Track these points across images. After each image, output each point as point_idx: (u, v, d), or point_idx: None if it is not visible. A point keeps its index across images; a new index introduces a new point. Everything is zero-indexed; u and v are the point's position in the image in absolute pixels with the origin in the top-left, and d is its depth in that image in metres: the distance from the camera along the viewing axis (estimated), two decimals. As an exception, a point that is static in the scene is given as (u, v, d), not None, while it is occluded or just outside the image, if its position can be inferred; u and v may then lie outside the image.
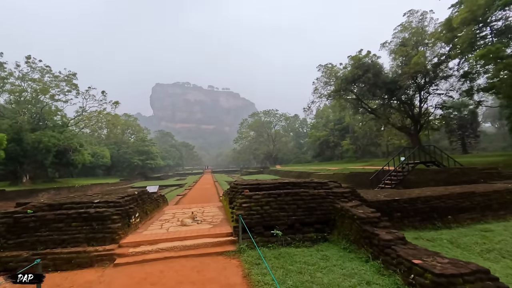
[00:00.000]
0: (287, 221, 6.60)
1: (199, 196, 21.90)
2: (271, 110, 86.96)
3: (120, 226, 6.36)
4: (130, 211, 7.03)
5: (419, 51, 28.41)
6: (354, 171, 28.61)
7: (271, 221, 6.56)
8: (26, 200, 25.11)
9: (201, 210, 10.33)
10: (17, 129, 28.82)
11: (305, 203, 6.91)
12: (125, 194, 7.82)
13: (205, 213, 9.77)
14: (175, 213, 9.99)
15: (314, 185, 7.77)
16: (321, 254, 5.63)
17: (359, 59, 30.47)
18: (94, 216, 6.30)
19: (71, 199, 7.18)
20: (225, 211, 9.76)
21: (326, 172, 35.27)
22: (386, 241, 4.93)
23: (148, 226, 7.81)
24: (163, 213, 10.21)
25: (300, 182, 7.87)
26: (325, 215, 6.82)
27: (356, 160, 51.61)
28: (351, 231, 5.99)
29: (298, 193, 7.05)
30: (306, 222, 6.68)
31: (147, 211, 8.88)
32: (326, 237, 6.50)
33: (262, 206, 6.73)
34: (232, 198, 7.89)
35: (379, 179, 20.13)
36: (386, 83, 30.65)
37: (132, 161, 63.73)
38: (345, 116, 58.42)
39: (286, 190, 7.20)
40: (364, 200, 7.99)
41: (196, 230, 6.94)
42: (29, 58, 34.41)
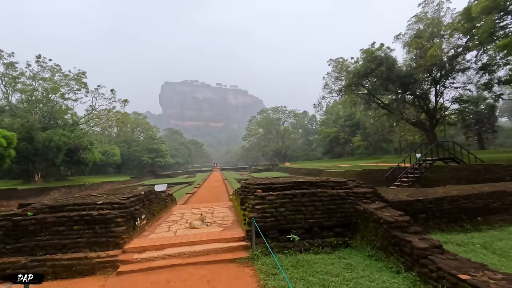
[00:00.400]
0: (304, 225, 6.04)
1: (209, 194, 21.52)
2: (279, 106, 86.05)
3: (125, 229, 5.93)
4: (136, 213, 6.60)
5: (435, 43, 27.15)
6: (367, 168, 27.69)
7: (287, 225, 6.01)
8: (37, 199, 25.33)
9: (211, 211, 9.87)
10: (28, 128, 29.06)
11: (324, 204, 6.32)
12: (130, 195, 7.40)
13: (215, 213, 9.30)
14: (184, 214, 9.56)
15: (332, 185, 7.16)
16: (344, 263, 5.05)
17: (372, 52, 29.39)
18: (97, 219, 5.88)
19: (74, 200, 6.80)
20: (235, 212, 9.27)
21: (337, 170, 34.44)
22: (421, 250, 4.31)
23: (155, 229, 7.38)
24: (171, 213, 9.79)
25: (317, 181, 7.28)
26: (346, 218, 6.22)
27: (368, 157, 50.47)
28: (376, 236, 5.38)
29: (315, 194, 6.47)
30: (325, 225, 6.10)
31: (154, 212, 8.45)
32: (348, 242, 5.90)
33: (276, 208, 6.18)
34: (243, 198, 7.37)
35: (394, 177, 19.34)
36: (400, 77, 29.50)
37: (142, 159, 64.14)
38: (356, 112, 57.14)
39: (302, 191, 6.62)
40: (385, 201, 7.35)
41: (205, 233, 6.45)
42: (39, 57, 34.66)
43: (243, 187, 7.97)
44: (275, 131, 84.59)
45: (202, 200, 17.36)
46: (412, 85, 30.27)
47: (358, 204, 6.33)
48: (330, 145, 67.60)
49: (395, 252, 4.80)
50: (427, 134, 32.40)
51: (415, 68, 28.06)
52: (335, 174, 32.74)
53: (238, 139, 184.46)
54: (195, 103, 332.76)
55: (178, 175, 74.82)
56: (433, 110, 31.66)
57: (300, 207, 6.25)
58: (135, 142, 67.13)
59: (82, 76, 36.81)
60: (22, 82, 33.15)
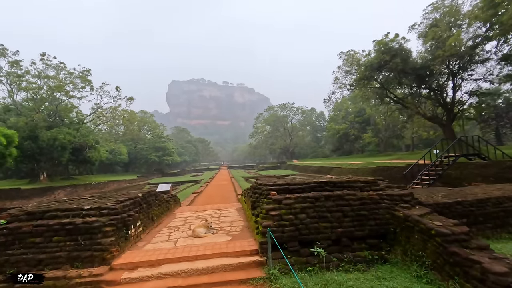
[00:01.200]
0: (331, 235, 4.93)
1: (216, 194, 20.57)
2: (287, 103, 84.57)
3: (114, 240, 4.93)
4: (129, 220, 5.60)
5: (456, 32, 25.53)
6: (381, 165, 26.28)
7: (309, 235, 4.91)
8: (40, 199, 24.80)
9: (217, 214, 8.85)
10: (33, 127, 28.58)
11: (353, 210, 5.20)
12: (125, 197, 6.42)
13: (221, 217, 8.27)
14: (187, 218, 8.56)
15: (361, 185, 6.03)
16: (385, 286, 3.94)
17: (386, 43, 27.85)
18: (81, 228, 4.90)
19: (58, 204, 5.84)
20: (245, 215, 8.23)
21: (349, 167, 33.13)
22: (499, 276, 3.18)
23: (152, 237, 6.39)
24: (174, 217, 8.80)
25: (341, 181, 6.15)
26: (381, 226, 5.09)
27: (379, 154, 48.87)
28: (425, 251, 4.25)
29: (342, 197, 5.36)
30: (356, 236, 4.98)
31: (153, 217, 7.47)
32: (385, 256, 4.78)
33: (296, 215, 5.09)
34: (255, 202, 6.31)
35: (413, 175, 18.00)
36: (416, 69, 27.91)
37: (149, 157, 63.78)
38: (366, 108, 55.49)
39: (326, 193, 5.52)
40: (419, 203, 6.19)
41: (211, 244, 5.40)
42: (44, 55, 34.19)
43: (254, 188, 6.89)
44: (282, 128, 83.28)
45: (208, 200, 16.40)
46: (428, 78, 28.68)
47: (395, 209, 5.19)
48: (339, 142, 66.04)
49: (456, 275, 3.67)
50: (444, 129, 30.75)
51: (432, 60, 26.45)
52: (346, 172, 31.41)
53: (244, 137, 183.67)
54: (202, 101, 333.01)
55: (185, 173, 74.42)
56: (451, 104, 29.99)
57: (325, 213, 5.15)
58: (142, 141, 66.82)
59: (87, 74, 36.23)
60: (27, 80, 32.72)
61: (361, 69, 31.81)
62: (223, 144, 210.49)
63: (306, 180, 6.71)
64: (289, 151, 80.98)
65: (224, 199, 16.48)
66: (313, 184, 6.09)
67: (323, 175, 36.20)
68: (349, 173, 30.72)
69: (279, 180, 6.94)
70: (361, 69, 31.12)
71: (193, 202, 15.53)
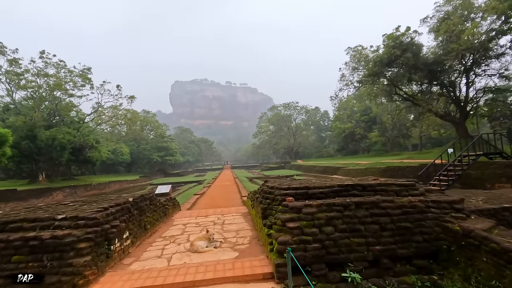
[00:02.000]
0: (367, 254, 3.84)
1: (219, 195, 19.51)
2: (291, 102, 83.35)
3: (90, 260, 3.88)
4: (112, 233, 4.55)
5: (472, 24, 24.26)
6: (391, 165, 25.01)
7: (339, 254, 3.82)
8: (38, 200, 23.92)
9: (221, 220, 7.78)
10: (31, 126, 27.75)
11: (393, 221, 4.10)
12: (112, 203, 5.37)
13: (225, 224, 7.20)
14: (187, 225, 7.50)
15: (396, 189, 4.92)
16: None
17: (396, 37, 26.59)
18: (48, 245, 3.86)
19: (26, 214, 4.80)
20: (253, 222, 7.16)
21: (356, 167, 31.90)
22: None
23: (143, 251, 5.33)
24: (172, 224, 7.75)
25: (372, 184, 5.04)
26: (431, 243, 3.98)
27: (385, 154, 47.53)
28: (502, 279, 3.15)
29: (377, 204, 4.26)
30: (400, 255, 3.88)
31: (147, 225, 6.41)
32: (439, 283, 3.67)
33: (320, 227, 4.01)
34: (266, 209, 5.22)
35: (429, 175, 16.80)
36: (428, 65, 26.62)
37: (152, 157, 62.98)
38: (372, 107, 54.20)
39: (356, 199, 4.42)
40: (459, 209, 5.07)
41: (213, 264, 4.33)
42: (43, 53, 33.40)
43: (264, 192, 5.79)
44: (286, 127, 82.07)
45: (211, 202, 15.35)
46: (441, 74, 27.39)
47: (446, 220, 4.08)
48: (344, 141, 64.71)
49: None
50: (457, 127, 29.42)
51: (445, 54, 25.14)
52: (354, 172, 30.23)
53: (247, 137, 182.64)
54: (205, 101, 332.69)
55: (188, 173, 73.58)
56: (464, 101, 28.66)
57: (357, 225, 4.05)
58: (145, 141, 66.05)
59: (87, 72, 35.38)
60: (26, 78, 31.96)
61: (369, 65, 30.60)
62: (226, 144, 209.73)
63: (326, 182, 5.60)
64: (293, 151, 79.76)
65: (227, 201, 15.42)
66: (337, 187, 4.99)
67: (329, 175, 34.96)
68: (357, 173, 29.53)
69: (294, 182, 5.86)
70: (369, 65, 29.91)
71: (194, 205, 14.49)
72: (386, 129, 53.10)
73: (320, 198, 4.83)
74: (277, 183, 5.79)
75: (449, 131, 38.77)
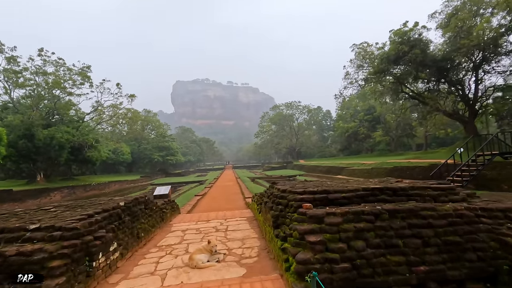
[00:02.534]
0: (409, 277, 3.06)
1: (221, 196, 18.77)
2: (293, 102, 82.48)
3: (64, 282, 3.13)
4: (95, 246, 3.80)
5: (484, 18, 23.41)
6: (398, 165, 24.16)
7: (374, 277, 3.04)
8: (35, 201, 23.25)
9: (224, 226, 7.02)
10: (29, 125, 27.09)
11: (438, 234, 3.32)
12: (99, 209, 4.63)
13: (229, 231, 6.44)
14: (186, 231, 6.75)
15: (434, 194, 4.14)
16: None
17: (404, 33, 25.74)
18: (12, 263, 3.12)
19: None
20: (260, 229, 6.40)
21: (361, 167, 31.09)
22: None
23: (134, 265, 4.57)
24: (169, 230, 7.00)
25: (403, 187, 4.26)
26: (487, 262, 3.19)
27: (389, 153, 46.71)
28: None
29: (415, 212, 3.49)
30: (450, 277, 3.09)
31: (140, 233, 5.66)
32: (501, 314, 2.90)
33: (348, 242, 3.24)
34: (278, 216, 4.44)
35: (441, 175, 16.01)
36: (436, 61, 25.76)
37: (153, 157, 62.36)
38: (376, 106, 53.34)
39: (389, 206, 3.65)
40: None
41: (216, 285, 3.57)
42: (42, 50, 32.78)
43: (275, 196, 4.99)
44: (288, 127, 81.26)
45: (213, 204, 14.61)
46: (449, 71, 26.51)
47: (504, 233, 3.30)
48: (347, 141, 63.88)
49: None
50: (466, 126, 28.55)
51: (455, 50, 24.27)
52: (359, 172, 29.45)
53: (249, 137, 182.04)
54: (207, 101, 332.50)
55: (189, 173, 73.00)
56: (473, 99, 27.77)
57: (394, 239, 3.28)
58: (146, 140, 65.38)
59: (87, 70, 34.72)
60: (24, 76, 31.34)
61: (374, 63, 29.83)
62: (227, 144, 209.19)
63: (347, 185, 4.83)
64: (295, 150, 78.95)
65: (230, 203, 14.68)
66: (362, 191, 4.21)
67: (333, 175, 34.15)
68: (362, 173, 28.73)
69: (310, 184, 5.10)
70: (376, 63, 29.11)
71: (195, 206, 13.75)
72: (390, 128, 52.22)
73: (343, 205, 4.06)
74: (288, 186, 5.02)
75: (456, 130, 37.82)
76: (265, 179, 40.72)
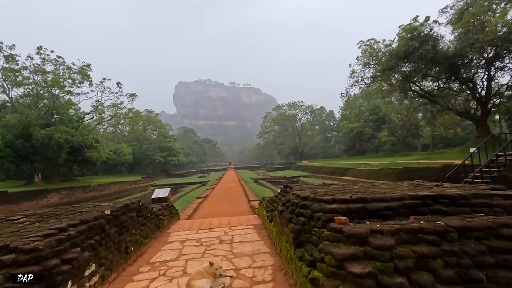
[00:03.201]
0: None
1: (224, 198, 17.84)
2: (296, 102, 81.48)
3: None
4: (61, 273, 2.87)
5: (501, 11, 22.40)
6: (408, 166, 22.97)
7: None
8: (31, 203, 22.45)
9: (229, 236, 6.08)
10: (26, 124, 26.33)
11: (534, 263, 2.38)
12: (77, 220, 3.72)
13: (235, 242, 5.51)
14: (185, 243, 5.82)
15: (505, 203, 3.19)
16: None
17: (414, 28, 24.72)
18: None
19: None
20: (271, 240, 5.47)
21: (368, 168, 29.94)
22: None
23: (119, 291, 3.66)
24: (166, 240, 6.07)
25: (464, 194, 3.30)
26: None
27: (395, 154, 45.60)
28: None
29: (495, 231, 2.54)
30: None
31: (130, 246, 4.73)
32: None
33: (408, 274, 2.30)
34: (300, 231, 3.49)
35: (458, 176, 14.97)
36: (448, 58, 24.71)
37: (154, 158, 61.55)
38: (381, 105, 52.25)
39: (457, 223, 2.69)
40: None
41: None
42: (40, 48, 32.08)
43: (294, 205, 4.00)
44: (291, 127, 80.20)
45: (216, 207, 13.68)
46: (462, 68, 25.47)
47: None
48: (352, 141, 62.75)
49: None
50: (478, 126, 27.49)
51: (468, 46, 23.20)
52: (366, 173, 28.39)
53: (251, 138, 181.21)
54: (209, 102, 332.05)
55: (191, 174, 72.17)
56: (486, 97, 26.69)
57: (471, 270, 2.34)
58: (147, 141, 64.59)
59: (87, 69, 34.00)
60: (22, 74, 30.63)
61: (381, 60, 28.86)
62: (230, 144, 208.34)
63: (389, 190, 3.87)
64: (298, 151, 77.88)
65: (234, 206, 13.76)
66: (410, 199, 3.26)
67: (338, 176, 33.07)
68: (369, 174, 27.68)
69: (329, 187, 4.14)
70: (383, 60, 28.14)
71: (197, 210, 12.83)
72: (396, 128, 51.09)
73: (387, 218, 3.11)
74: (309, 191, 4.07)
75: (467, 130, 36.64)
76: (269, 180, 39.74)
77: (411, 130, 50.96)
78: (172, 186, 39.79)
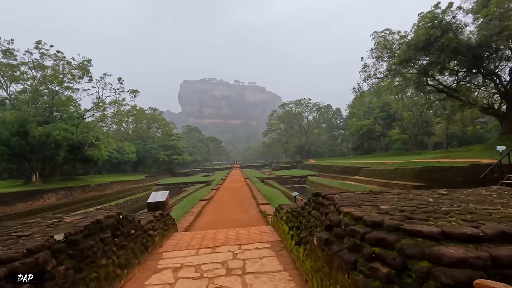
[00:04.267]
0: None
1: (230, 201, 16.29)
2: (302, 99, 79.57)
3: None
4: None
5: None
6: (428, 165, 21.03)
7: None
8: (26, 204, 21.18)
9: (239, 261, 4.50)
10: (22, 121, 25.12)
11: None
12: (34, 244, 2.21)
13: (248, 275, 3.91)
14: (180, 271, 4.24)
15: None
16: None
17: (435, 16, 22.77)
18: None
19: None
20: (297, 269, 3.89)
21: (381, 167, 28.09)
22: None
23: None
24: (155, 267, 4.51)
25: None
26: None
27: (407, 152, 43.68)
28: None
29: None
30: None
31: (111, 272, 3.20)
32: None
33: None
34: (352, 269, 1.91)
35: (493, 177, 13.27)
36: (472, 48, 22.71)
37: (158, 156, 60.45)
38: (392, 102, 50.24)
39: None
40: None
41: None
42: (39, 43, 30.89)
43: (352, 234, 2.34)
44: (297, 125, 78.40)
45: (221, 211, 12.12)
46: (487, 59, 23.46)
47: None
48: (360, 139, 60.81)
49: None
50: (502, 122, 25.46)
51: (496, 34, 21.15)
52: (379, 173, 26.61)
53: (256, 136, 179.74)
54: (214, 100, 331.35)
55: (196, 173, 71.01)
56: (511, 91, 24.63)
57: None
58: (151, 139, 63.49)
59: (87, 64, 32.72)
60: (19, 69, 29.48)
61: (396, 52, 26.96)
62: (235, 143, 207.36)
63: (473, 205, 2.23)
64: (305, 149, 76.11)
65: (242, 211, 12.18)
66: None
67: (349, 176, 31.28)
68: (383, 174, 25.90)
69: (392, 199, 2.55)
70: (399, 51, 26.22)
71: (199, 215, 11.29)
72: (407, 126, 49.05)
73: None
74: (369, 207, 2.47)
75: (491, 125, 34.41)
76: (275, 180, 38.16)
77: (423, 128, 48.92)
78: (176, 185, 38.53)
